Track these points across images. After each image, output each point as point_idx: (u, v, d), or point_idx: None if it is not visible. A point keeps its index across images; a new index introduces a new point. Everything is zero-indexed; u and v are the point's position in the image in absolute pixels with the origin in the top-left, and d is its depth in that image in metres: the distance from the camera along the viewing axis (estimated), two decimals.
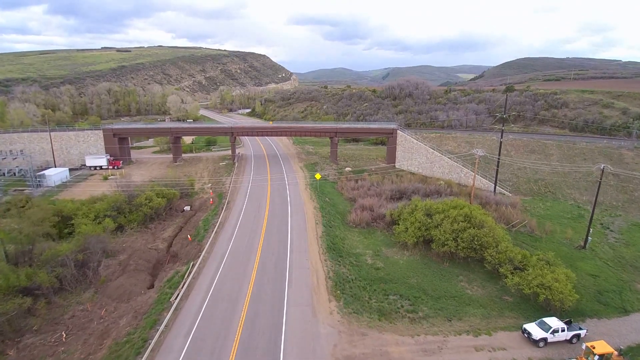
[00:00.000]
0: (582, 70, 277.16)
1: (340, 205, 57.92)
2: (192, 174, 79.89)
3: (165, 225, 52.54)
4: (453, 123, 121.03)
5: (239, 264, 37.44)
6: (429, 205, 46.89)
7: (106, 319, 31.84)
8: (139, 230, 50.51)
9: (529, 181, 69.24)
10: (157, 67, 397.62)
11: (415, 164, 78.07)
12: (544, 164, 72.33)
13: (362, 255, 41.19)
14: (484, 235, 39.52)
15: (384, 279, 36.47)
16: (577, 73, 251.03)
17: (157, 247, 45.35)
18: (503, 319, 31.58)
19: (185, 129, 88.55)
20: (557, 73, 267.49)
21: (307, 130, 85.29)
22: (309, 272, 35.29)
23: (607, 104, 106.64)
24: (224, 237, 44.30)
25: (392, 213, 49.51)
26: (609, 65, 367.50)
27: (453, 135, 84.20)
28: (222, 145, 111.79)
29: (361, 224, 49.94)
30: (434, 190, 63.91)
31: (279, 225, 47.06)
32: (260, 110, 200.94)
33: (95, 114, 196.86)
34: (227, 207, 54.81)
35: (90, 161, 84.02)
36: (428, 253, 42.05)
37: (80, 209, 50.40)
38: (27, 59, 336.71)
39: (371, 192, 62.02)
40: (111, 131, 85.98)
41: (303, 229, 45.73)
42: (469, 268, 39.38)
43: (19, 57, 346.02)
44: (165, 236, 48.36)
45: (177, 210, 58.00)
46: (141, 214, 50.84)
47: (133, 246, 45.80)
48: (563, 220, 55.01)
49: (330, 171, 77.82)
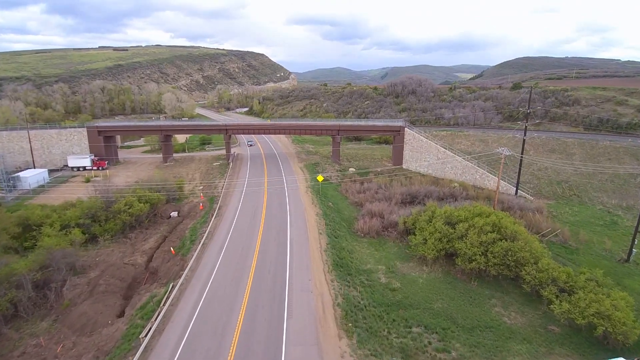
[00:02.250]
0: (582, 69, 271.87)
1: (346, 211, 51.71)
2: (183, 175, 73.55)
3: (147, 234, 46.19)
4: (460, 121, 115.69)
5: (228, 285, 31.16)
6: (449, 212, 40.74)
7: (62, 358, 25.57)
8: (117, 240, 44.17)
9: (551, 183, 63.13)
10: (154, 65, 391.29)
11: (425, 165, 71.91)
12: (566, 164, 66.30)
13: (374, 273, 34.98)
14: (519, 249, 33.39)
15: (402, 303, 30.28)
16: (579, 72, 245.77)
17: (134, 262, 39.03)
18: (554, 357, 25.43)
19: (176, 126, 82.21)
20: (558, 72, 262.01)
21: (307, 128, 79.06)
22: (313, 297, 29.00)
23: (620, 101, 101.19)
24: (213, 250, 37.98)
25: (406, 221, 43.33)
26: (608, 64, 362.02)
27: (465, 134, 78.01)
28: (217, 145, 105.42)
29: (370, 233, 43.76)
30: (448, 193, 57.81)
31: (277, 236, 40.74)
32: (258, 108, 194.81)
33: (88, 112, 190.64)
34: (218, 214, 48.53)
35: (72, 161, 77.57)
36: (451, 269, 35.91)
37: (50, 217, 44.12)
38: (23, 57, 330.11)
39: (379, 195, 55.85)
40: (96, 129, 79.55)
41: (304, 240, 39.40)
42: (502, 288, 33.24)
43: (14, 56, 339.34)
44: (146, 248, 42.00)
45: (162, 216, 51.71)
46: (119, 222, 44.48)
47: (107, 260, 39.50)
48: (596, 228, 48.88)
49: (333, 172, 71.63)
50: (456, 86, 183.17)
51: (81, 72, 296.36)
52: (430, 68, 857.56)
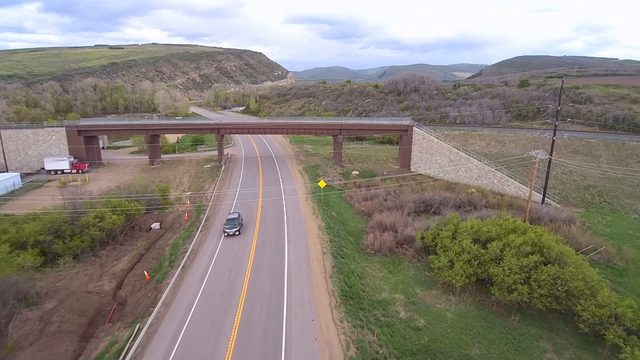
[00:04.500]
0: (582, 68, 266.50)
1: (351, 222, 45.24)
2: (170, 179, 66.87)
3: (121, 251, 39.55)
4: (467, 120, 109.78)
5: (209, 329, 24.58)
6: (477, 227, 34.36)
7: None
8: (84, 260, 37.50)
9: (578, 188, 56.86)
10: (150, 64, 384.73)
11: (436, 167, 65.55)
12: (592, 167, 60.16)
13: (391, 304, 28.56)
14: (570, 277, 27.04)
15: (431, 349, 23.91)
16: (580, 70, 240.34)
17: (101, 289, 32.45)
18: None
19: (163, 126, 75.40)
20: (558, 71, 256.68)
21: (307, 127, 72.47)
22: (318, 347, 22.48)
23: (635, 99, 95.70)
24: (194, 276, 31.35)
25: (424, 236, 36.92)
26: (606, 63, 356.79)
27: (479, 133, 71.60)
28: (210, 145, 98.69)
29: (382, 251, 37.32)
30: (465, 200, 51.51)
31: (273, 256, 34.15)
32: (255, 107, 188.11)
33: (79, 111, 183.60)
34: (205, 227, 41.93)
35: (49, 164, 70.70)
36: (484, 299, 29.54)
37: (8, 232, 37.55)
38: (17, 56, 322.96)
39: (389, 203, 49.43)
40: (75, 128, 72.71)
41: (305, 263, 32.80)
42: (550, 325, 26.91)
43: (8, 54, 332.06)
44: (117, 270, 35.38)
45: (142, 228, 45.10)
46: (87, 238, 37.83)
47: (69, 286, 32.92)
48: (637, 242, 42.67)
49: (335, 176, 65.13)
50: (460, 83, 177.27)
51: (75, 71, 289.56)
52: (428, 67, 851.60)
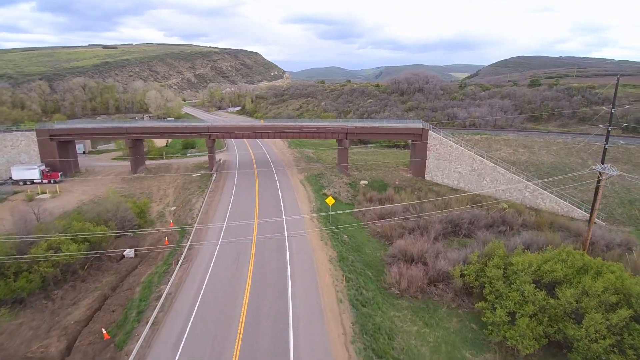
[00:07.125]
0: (581, 68, 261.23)
1: (367, 249, 37.37)
2: (154, 190, 58.70)
3: (81, 291, 31.35)
4: (477, 121, 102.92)
5: None
6: (537, 264, 26.62)
7: None
8: (33, 305, 29.31)
9: (622, 203, 49.36)
10: (144, 63, 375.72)
11: (456, 177, 57.88)
12: (634, 177, 52.76)
13: None
14: None
15: None
16: (579, 70, 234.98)
17: (45, 352, 24.36)
18: None
19: (147, 129, 67.08)
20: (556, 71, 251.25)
21: (308, 131, 64.48)
22: None
23: None
24: (166, 339, 23.08)
25: (465, 273, 29.13)
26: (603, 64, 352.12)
27: (505, 138, 63.86)
28: (201, 149, 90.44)
29: (410, 290, 29.46)
30: (498, 218, 43.87)
31: (273, 306, 26.06)
32: (251, 107, 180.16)
33: (67, 112, 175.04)
34: (187, 259, 33.87)
35: (17, 173, 62.27)
36: None
37: None
38: (9, 55, 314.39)
39: (409, 223, 41.57)
40: (47, 132, 64.28)
41: (317, 318, 24.56)
42: None
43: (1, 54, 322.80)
44: (70, 322, 27.22)
45: (111, 257, 36.94)
46: (36, 277, 29.65)
47: (7, 346, 24.82)
48: None
49: (342, 187, 57.30)
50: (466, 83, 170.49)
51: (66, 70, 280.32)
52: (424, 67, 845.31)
